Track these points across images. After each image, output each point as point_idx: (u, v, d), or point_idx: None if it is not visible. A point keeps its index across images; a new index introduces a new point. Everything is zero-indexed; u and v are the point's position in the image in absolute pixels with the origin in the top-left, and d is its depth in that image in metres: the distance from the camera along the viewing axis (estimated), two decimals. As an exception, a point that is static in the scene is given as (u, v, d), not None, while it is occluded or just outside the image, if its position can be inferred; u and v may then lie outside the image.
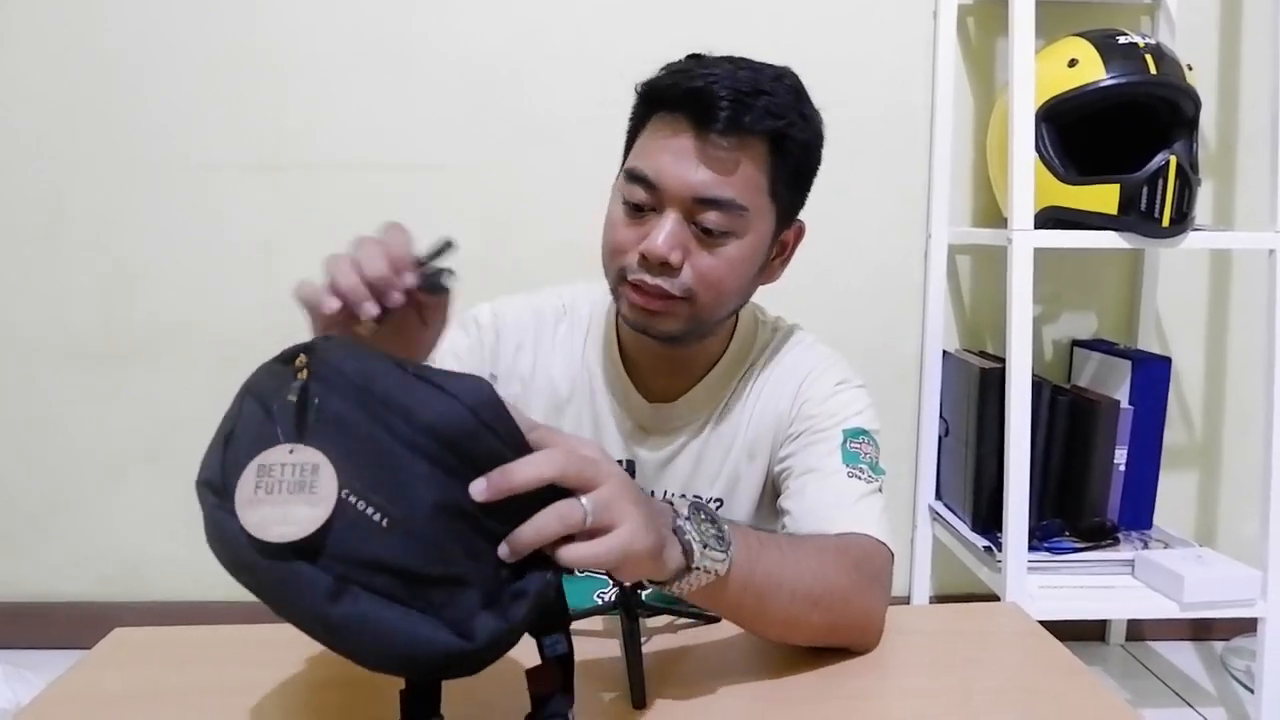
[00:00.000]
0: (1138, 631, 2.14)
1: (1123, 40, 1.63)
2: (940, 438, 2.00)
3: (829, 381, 1.02)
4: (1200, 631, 2.13)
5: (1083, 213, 1.64)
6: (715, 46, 0.94)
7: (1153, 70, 1.59)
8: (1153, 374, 1.84)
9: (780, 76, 0.91)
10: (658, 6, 1.93)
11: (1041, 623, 0.91)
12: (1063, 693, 0.79)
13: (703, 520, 0.70)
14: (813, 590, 0.78)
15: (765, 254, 0.96)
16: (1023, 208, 1.62)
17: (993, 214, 1.98)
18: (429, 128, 1.95)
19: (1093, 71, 1.61)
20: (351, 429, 0.56)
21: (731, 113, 0.86)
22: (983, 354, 1.96)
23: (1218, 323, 2.08)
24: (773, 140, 0.90)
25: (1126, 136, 1.65)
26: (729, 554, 0.70)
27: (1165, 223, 1.59)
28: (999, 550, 1.70)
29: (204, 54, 1.92)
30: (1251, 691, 1.81)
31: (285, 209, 1.96)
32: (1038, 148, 1.64)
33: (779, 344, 1.07)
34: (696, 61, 0.91)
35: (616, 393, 1.05)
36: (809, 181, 0.98)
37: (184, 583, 2.06)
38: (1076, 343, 2.04)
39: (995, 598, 1.71)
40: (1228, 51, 2.00)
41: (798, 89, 0.93)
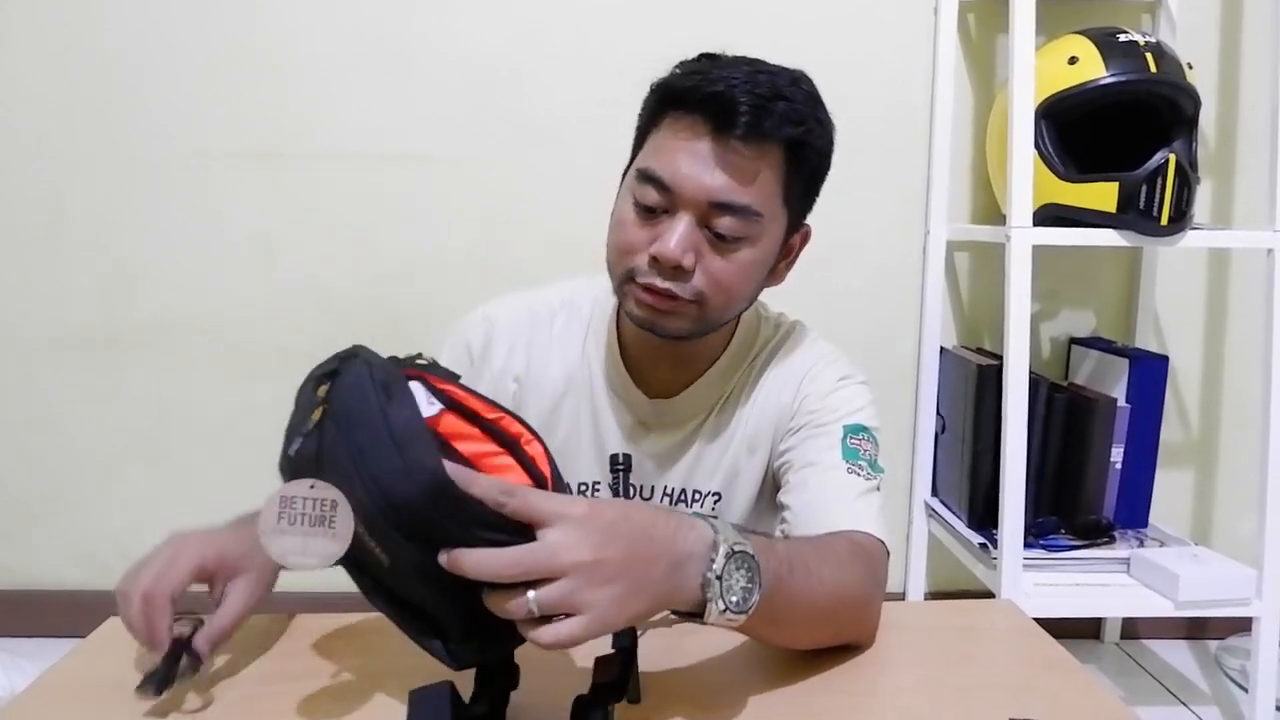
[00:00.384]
0: (1132, 630, 2.15)
1: (1123, 38, 1.63)
2: (937, 434, 2.01)
3: (831, 377, 1.02)
4: (1195, 630, 2.14)
5: (1081, 210, 1.64)
6: (715, 46, 0.93)
7: (1153, 68, 1.59)
8: (1150, 372, 1.84)
9: (797, 81, 0.90)
10: (658, 6, 1.92)
11: (1036, 620, 0.92)
12: (1057, 690, 0.79)
13: (736, 572, 0.67)
14: (827, 607, 0.79)
15: (775, 258, 0.96)
16: (1021, 205, 1.62)
17: (991, 211, 1.98)
18: (429, 127, 1.95)
19: (1093, 69, 1.61)
20: (347, 479, 0.59)
21: (752, 118, 0.85)
22: (980, 351, 1.97)
23: (1216, 322, 2.08)
24: (791, 147, 0.89)
25: (1126, 134, 1.65)
26: (749, 610, 0.68)
27: (1164, 221, 1.59)
28: (994, 547, 1.70)
29: (204, 53, 1.92)
30: (1245, 690, 1.81)
31: (285, 207, 1.96)
32: (1037, 145, 1.64)
33: (781, 340, 1.07)
34: (713, 62, 0.90)
35: (617, 388, 1.05)
36: (819, 187, 0.97)
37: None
38: (1074, 340, 2.04)
39: (990, 595, 1.71)
40: (1228, 50, 2.00)
41: (814, 94, 0.91)
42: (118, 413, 2.02)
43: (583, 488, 1.05)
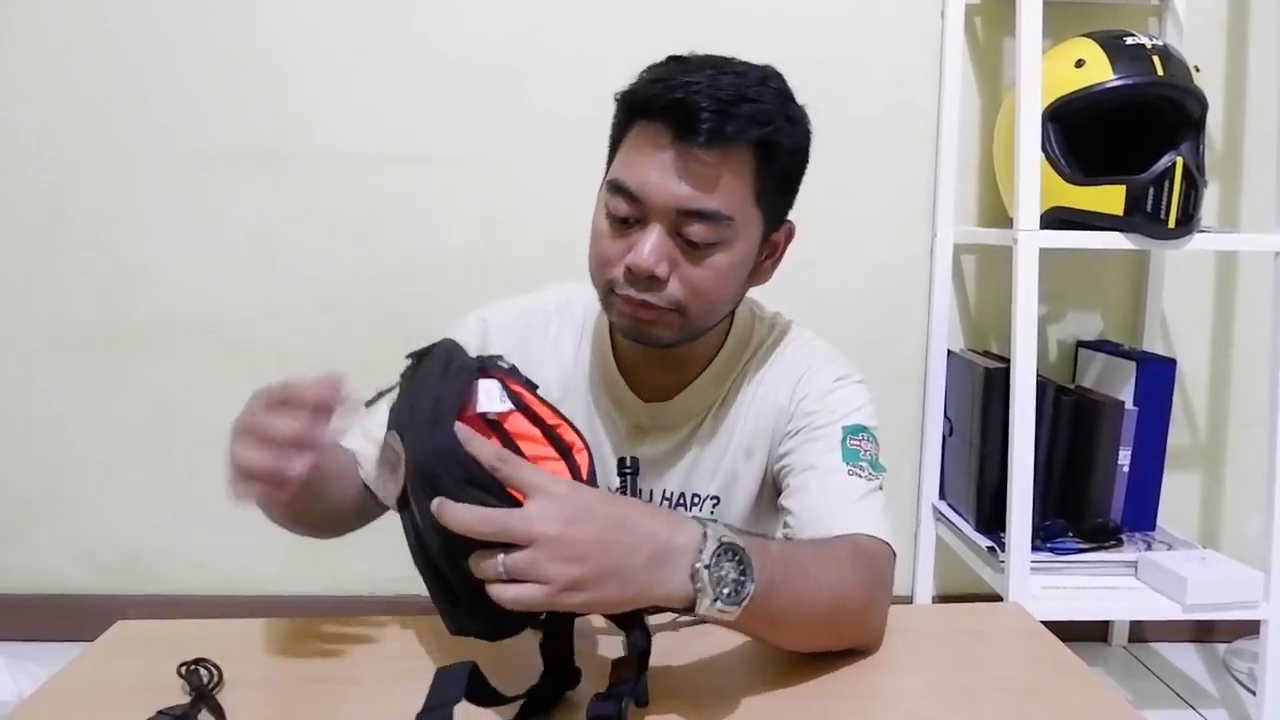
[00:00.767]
0: (1140, 633, 2.14)
1: (1130, 41, 1.62)
2: (944, 437, 2.00)
3: (827, 377, 1.01)
4: (1203, 633, 2.13)
5: (1088, 213, 1.64)
6: (716, 47, 0.92)
7: (1160, 71, 1.59)
8: (1157, 375, 1.83)
9: (765, 80, 0.88)
10: (658, 6, 1.92)
11: (1044, 623, 0.91)
12: (1064, 693, 0.79)
13: (726, 564, 0.68)
14: (827, 610, 0.78)
15: (754, 259, 0.95)
16: (1028, 208, 1.62)
17: (998, 214, 1.98)
18: (429, 127, 1.95)
19: (1100, 72, 1.61)
20: (403, 437, 0.71)
21: (714, 124, 0.83)
22: (987, 354, 1.96)
23: (1223, 324, 2.07)
24: (759, 147, 0.87)
25: (1133, 137, 1.64)
26: (744, 603, 0.68)
27: (1171, 224, 1.59)
28: (1002, 550, 1.69)
29: (204, 53, 1.92)
30: (1254, 694, 1.80)
31: (285, 207, 1.96)
32: (1044, 148, 1.64)
33: (776, 340, 1.06)
34: (677, 66, 0.88)
35: (612, 393, 1.04)
36: (797, 183, 0.96)
37: (186, 576, 2.07)
38: (1081, 343, 2.04)
39: (998, 598, 1.70)
40: (1235, 53, 2.00)
41: (783, 91, 0.90)
42: (118, 413, 2.02)
43: None
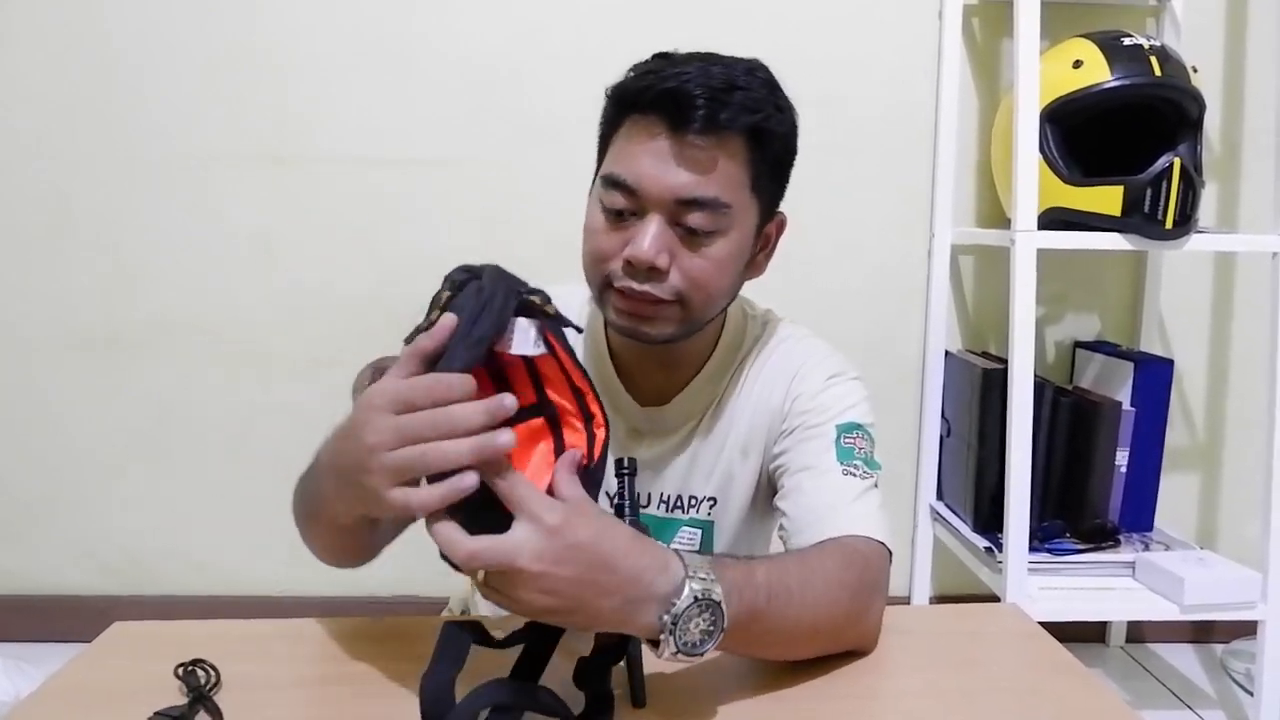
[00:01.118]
0: (1138, 633, 2.14)
1: (1128, 42, 1.62)
2: (942, 438, 2.00)
3: (821, 375, 1.01)
4: (1200, 634, 2.13)
5: (1086, 214, 1.64)
6: (715, 47, 0.92)
7: (1157, 72, 1.59)
8: (1155, 376, 1.83)
9: (753, 70, 0.89)
10: (658, 6, 1.92)
11: (1042, 624, 0.91)
12: (1062, 694, 0.79)
13: (696, 618, 0.67)
14: (809, 628, 0.78)
15: (751, 249, 0.95)
16: (1026, 209, 1.62)
17: (996, 215, 1.98)
18: (429, 127, 1.95)
19: (1097, 73, 1.61)
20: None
21: (708, 111, 0.85)
22: (985, 354, 1.96)
23: (1220, 325, 2.08)
24: (751, 135, 0.88)
25: (1131, 138, 1.65)
26: (702, 655, 0.68)
27: (1168, 225, 1.59)
28: (1000, 551, 1.70)
29: (204, 53, 1.92)
30: (1251, 694, 1.80)
31: (286, 207, 1.96)
32: (1042, 149, 1.64)
33: (769, 338, 1.05)
34: (666, 61, 0.90)
35: (608, 397, 1.03)
36: (788, 172, 0.97)
37: (186, 577, 2.07)
38: (1079, 344, 2.04)
39: (996, 598, 1.71)
40: (1233, 54, 2.00)
41: (771, 81, 0.91)
42: (118, 413, 2.02)
43: None
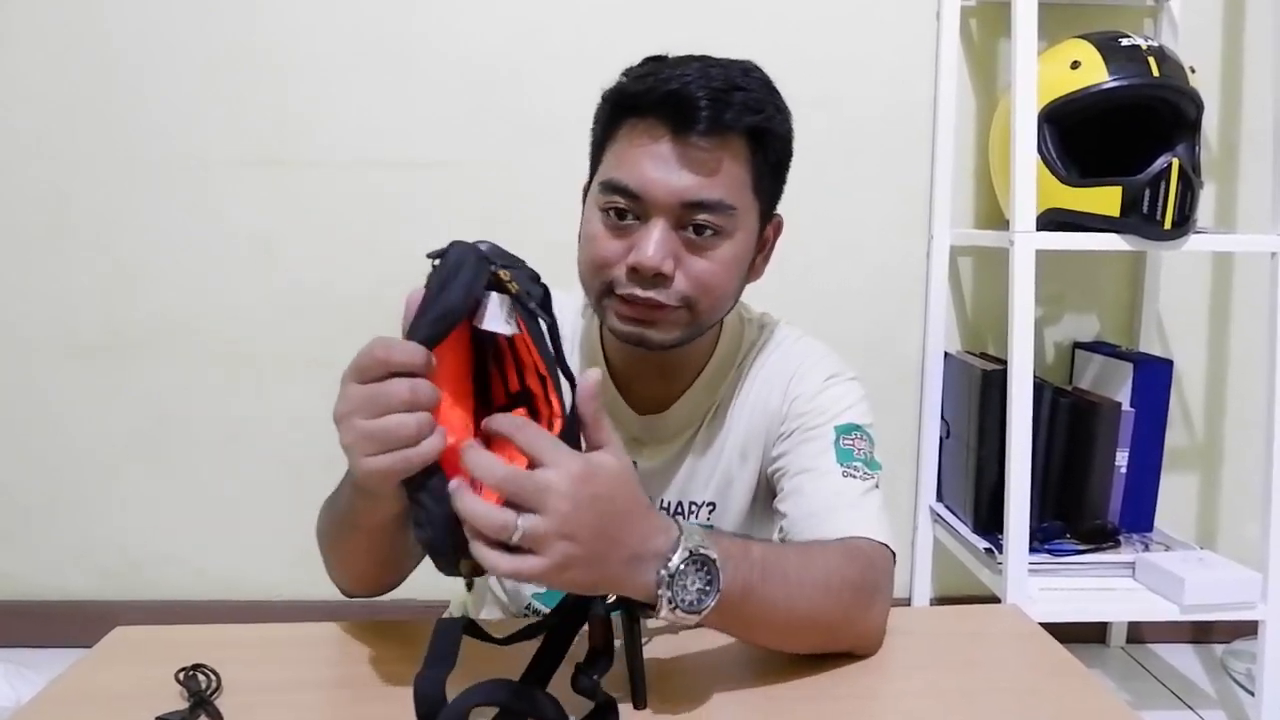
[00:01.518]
0: (1138, 634, 2.14)
1: (1125, 42, 1.63)
2: (941, 439, 2.00)
3: (818, 377, 1.00)
4: (1200, 634, 2.13)
5: (1085, 215, 1.64)
6: (715, 47, 0.93)
7: (1155, 72, 1.59)
8: (1154, 376, 1.84)
9: (749, 71, 0.89)
10: (658, 6, 1.92)
11: (1042, 625, 0.91)
12: (1063, 695, 0.79)
13: (692, 574, 0.68)
14: (809, 614, 0.78)
15: (754, 251, 0.95)
16: (1025, 210, 1.62)
17: (995, 216, 1.98)
18: (429, 127, 1.95)
19: (1095, 73, 1.61)
20: None
21: (711, 112, 0.84)
22: (984, 356, 1.96)
23: (1219, 325, 2.08)
24: (753, 135, 0.88)
25: (1129, 139, 1.65)
26: (703, 613, 0.69)
27: (1167, 225, 1.59)
28: (1000, 552, 1.70)
29: (204, 54, 1.92)
30: (1251, 694, 1.81)
31: (285, 208, 1.96)
32: (1040, 149, 1.64)
33: (765, 341, 1.05)
34: (662, 63, 0.89)
35: (605, 406, 1.03)
36: (786, 173, 0.96)
37: (186, 582, 2.06)
38: (1078, 345, 2.04)
39: (996, 599, 1.71)
40: (1230, 54, 2.00)
41: (768, 82, 0.91)
42: (118, 414, 2.02)
43: None
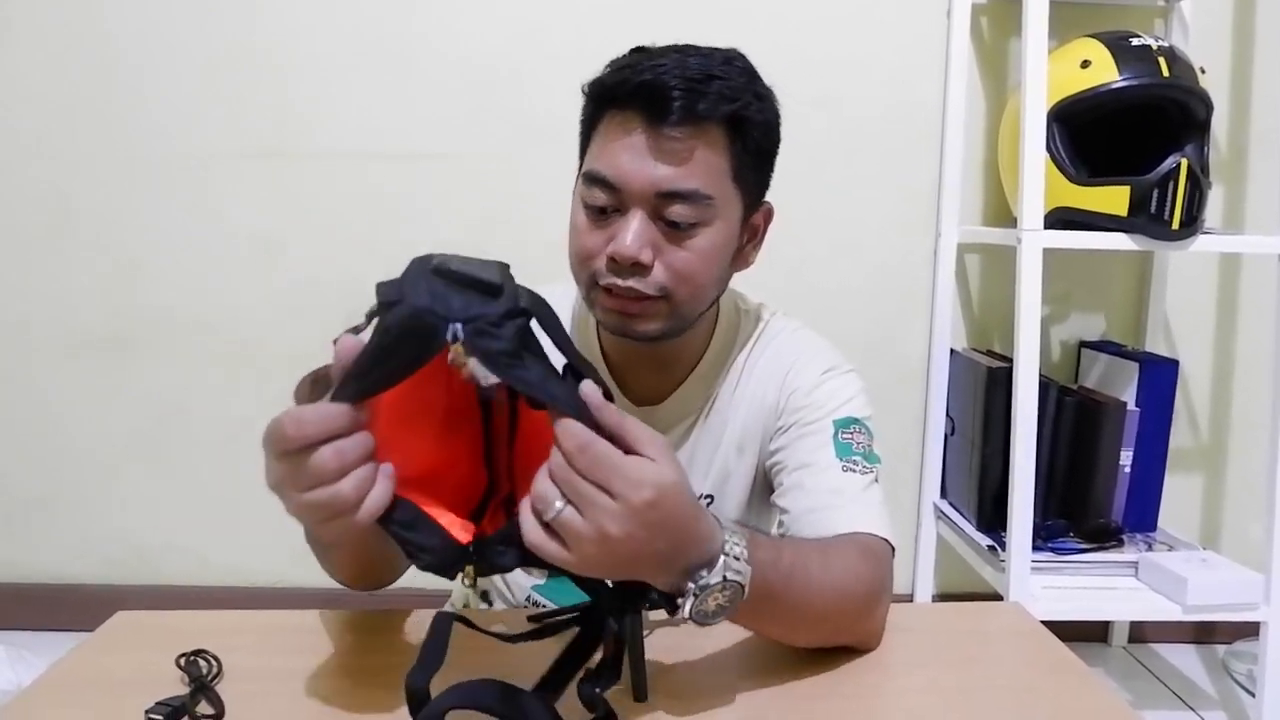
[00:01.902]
0: (1140, 633, 2.14)
1: (1136, 42, 1.62)
2: (946, 436, 2.00)
3: (815, 370, 1.00)
4: (1203, 634, 2.13)
5: (1093, 214, 1.64)
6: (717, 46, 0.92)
7: (1165, 73, 1.59)
8: (1160, 376, 1.83)
9: (730, 60, 0.89)
10: (658, 6, 1.92)
11: (1044, 623, 0.91)
12: (1064, 693, 0.79)
13: (717, 594, 0.68)
14: (821, 611, 0.78)
15: (737, 241, 0.94)
16: (1033, 208, 1.62)
17: (1002, 214, 1.98)
18: (429, 126, 1.95)
19: (1105, 73, 1.61)
20: None
21: (685, 101, 0.84)
22: (990, 353, 1.96)
23: (1226, 326, 2.07)
24: (730, 124, 0.87)
25: (1138, 138, 1.65)
26: (709, 624, 0.69)
27: (1175, 225, 1.59)
28: (1003, 550, 1.70)
29: (204, 53, 1.93)
30: (1253, 695, 1.80)
31: (286, 207, 1.97)
32: (1049, 148, 1.64)
33: (762, 333, 1.04)
34: (643, 54, 0.89)
35: None
36: (772, 162, 0.96)
37: (189, 568, 2.07)
38: (1084, 344, 2.04)
39: (998, 597, 1.71)
40: (1240, 55, 1.99)
41: (749, 70, 0.90)
42: (119, 412, 2.03)
43: None
